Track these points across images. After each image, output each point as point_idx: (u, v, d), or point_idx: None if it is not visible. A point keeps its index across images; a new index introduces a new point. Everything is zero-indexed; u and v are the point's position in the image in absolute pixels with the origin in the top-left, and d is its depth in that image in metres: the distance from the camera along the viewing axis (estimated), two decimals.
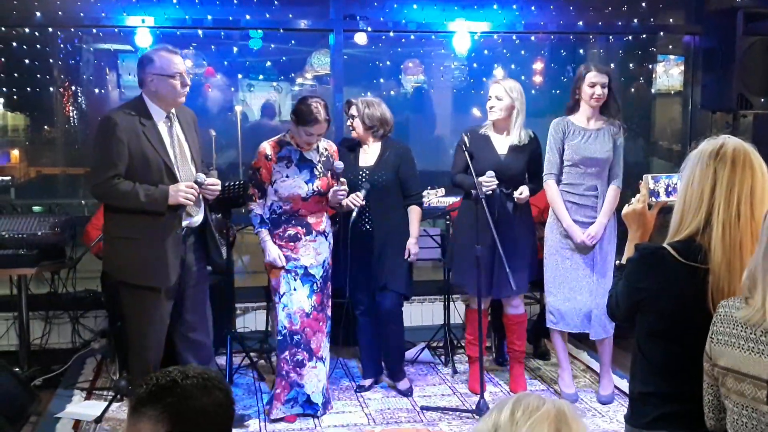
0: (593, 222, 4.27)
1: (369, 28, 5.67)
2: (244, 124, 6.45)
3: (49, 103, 6.26)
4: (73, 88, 6.22)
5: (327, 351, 4.19)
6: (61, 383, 4.63)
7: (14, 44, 5.73)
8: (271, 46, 6.25)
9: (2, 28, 5.54)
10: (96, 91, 6.33)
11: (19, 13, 5.39)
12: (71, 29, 5.84)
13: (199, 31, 5.73)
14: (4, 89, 6.00)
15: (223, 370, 4.55)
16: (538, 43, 6.60)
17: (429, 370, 4.95)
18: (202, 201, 3.79)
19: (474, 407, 4.17)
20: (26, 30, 5.63)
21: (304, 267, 4.08)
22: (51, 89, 6.18)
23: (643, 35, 6.25)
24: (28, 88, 6.02)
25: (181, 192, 3.57)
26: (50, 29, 5.76)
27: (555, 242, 4.34)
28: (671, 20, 6.36)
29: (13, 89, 6.03)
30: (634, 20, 6.06)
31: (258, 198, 4.09)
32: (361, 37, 5.80)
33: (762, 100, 5.12)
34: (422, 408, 4.30)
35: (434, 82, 6.82)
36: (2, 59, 5.79)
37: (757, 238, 1.96)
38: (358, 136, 4.44)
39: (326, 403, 4.20)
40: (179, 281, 3.70)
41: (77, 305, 5.10)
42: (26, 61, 5.86)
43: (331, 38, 5.60)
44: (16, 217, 4.61)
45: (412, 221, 4.41)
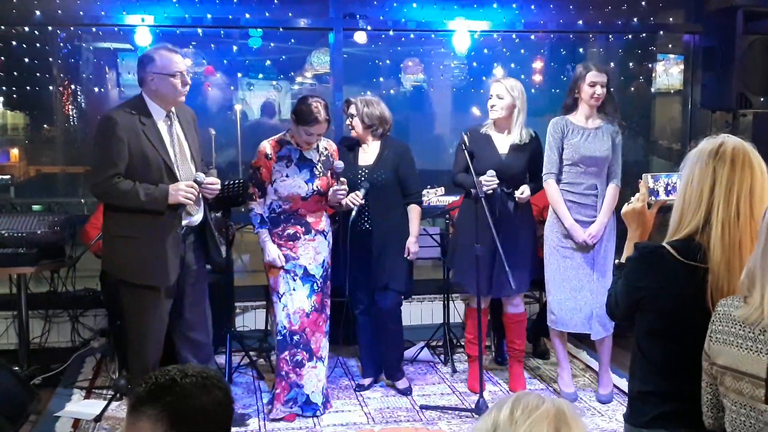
0: (593, 221, 4.27)
1: (369, 27, 5.67)
2: (243, 123, 6.46)
3: (49, 101, 6.26)
4: (72, 87, 6.23)
5: (326, 350, 4.19)
6: (60, 382, 4.62)
7: (14, 43, 5.74)
8: (271, 44, 6.26)
9: (2, 27, 5.54)
10: (96, 89, 6.33)
11: (18, 11, 5.39)
12: (71, 28, 5.85)
13: (199, 30, 5.74)
14: (4, 88, 6.01)
15: (223, 369, 4.54)
16: (538, 42, 6.60)
17: (428, 369, 4.95)
18: (202, 200, 3.78)
19: (473, 406, 4.16)
20: (26, 29, 5.64)
21: (304, 267, 4.08)
22: (51, 88, 6.19)
23: (643, 34, 6.26)
24: (27, 87, 6.02)
25: (181, 191, 3.56)
26: (50, 28, 5.77)
27: (555, 241, 4.33)
28: (671, 19, 6.37)
29: (13, 88, 6.03)
30: (634, 19, 6.05)
31: (258, 197, 4.08)
32: (360, 36, 5.81)
33: (762, 99, 5.12)
34: (421, 407, 4.29)
35: (434, 81, 6.82)
36: (2, 58, 5.79)
37: (756, 237, 1.96)
38: (358, 135, 4.43)
39: (325, 402, 4.21)
40: (179, 280, 3.70)
41: (77, 304, 5.09)
42: (26, 59, 5.86)
43: (331, 37, 5.59)
44: (16, 216, 4.60)
45: (412, 220, 4.40)
